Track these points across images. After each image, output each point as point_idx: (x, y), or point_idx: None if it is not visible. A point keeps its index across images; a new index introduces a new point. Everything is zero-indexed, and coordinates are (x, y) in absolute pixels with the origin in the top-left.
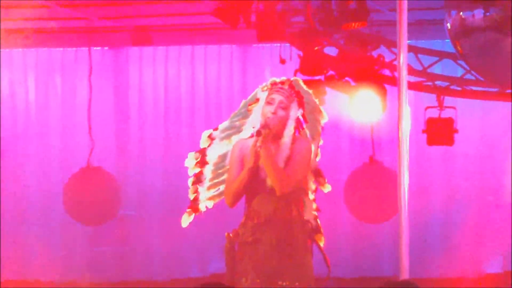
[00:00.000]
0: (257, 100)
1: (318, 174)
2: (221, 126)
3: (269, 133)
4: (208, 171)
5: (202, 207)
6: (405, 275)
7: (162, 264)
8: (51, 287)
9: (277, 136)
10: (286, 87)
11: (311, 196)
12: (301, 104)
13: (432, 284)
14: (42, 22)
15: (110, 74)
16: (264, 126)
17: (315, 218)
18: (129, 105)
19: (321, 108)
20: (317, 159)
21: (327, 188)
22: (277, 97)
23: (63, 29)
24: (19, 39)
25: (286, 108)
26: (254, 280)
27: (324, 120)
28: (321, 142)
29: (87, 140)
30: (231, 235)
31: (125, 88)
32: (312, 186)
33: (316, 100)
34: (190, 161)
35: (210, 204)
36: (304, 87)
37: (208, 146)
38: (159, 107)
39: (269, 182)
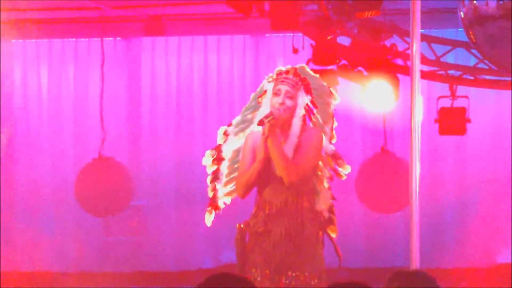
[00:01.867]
0: (265, 92)
1: (336, 157)
2: (235, 121)
3: (274, 122)
4: (224, 167)
5: (221, 204)
6: (415, 265)
7: (174, 254)
8: (63, 278)
9: (286, 126)
10: (291, 76)
11: (326, 184)
12: (308, 91)
13: (442, 274)
14: (55, 12)
15: (122, 64)
16: (267, 115)
17: (331, 207)
18: (141, 95)
19: (332, 90)
20: (333, 141)
21: (347, 169)
22: (283, 87)
23: (76, 19)
24: (32, 29)
25: (293, 97)
26: (263, 271)
27: (336, 101)
28: (335, 124)
29: (99, 130)
30: (242, 226)
31: (137, 78)
32: (327, 173)
33: (325, 83)
34: (207, 159)
35: (228, 200)
36: (311, 72)
37: (224, 142)
38: (171, 98)
39: (278, 172)
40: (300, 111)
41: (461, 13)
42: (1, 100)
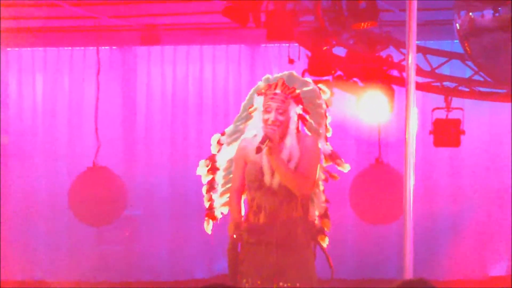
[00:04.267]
0: (252, 105)
1: (334, 157)
2: (227, 131)
3: (272, 145)
4: (219, 177)
5: (218, 214)
6: (408, 276)
7: (167, 264)
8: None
9: (282, 138)
10: (279, 91)
11: (322, 187)
12: (298, 101)
13: (436, 286)
14: (51, 21)
15: (118, 73)
16: (263, 140)
17: (325, 211)
18: (136, 104)
19: (321, 86)
20: (329, 134)
21: (347, 168)
22: (273, 104)
23: (72, 28)
24: (28, 38)
25: (284, 112)
26: (254, 281)
27: (326, 96)
28: (329, 119)
29: (93, 139)
30: (234, 236)
31: (132, 87)
32: (322, 176)
33: (311, 86)
34: (202, 169)
35: (226, 210)
36: (300, 78)
37: (218, 151)
38: (166, 107)
39: (267, 180)
40: (294, 123)
41: (457, 24)
42: None
